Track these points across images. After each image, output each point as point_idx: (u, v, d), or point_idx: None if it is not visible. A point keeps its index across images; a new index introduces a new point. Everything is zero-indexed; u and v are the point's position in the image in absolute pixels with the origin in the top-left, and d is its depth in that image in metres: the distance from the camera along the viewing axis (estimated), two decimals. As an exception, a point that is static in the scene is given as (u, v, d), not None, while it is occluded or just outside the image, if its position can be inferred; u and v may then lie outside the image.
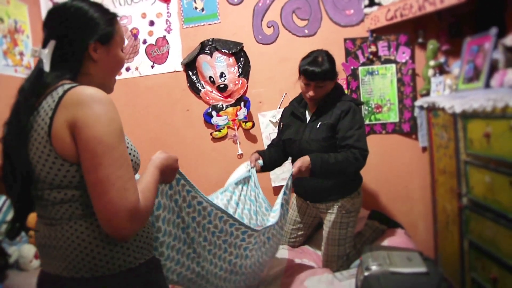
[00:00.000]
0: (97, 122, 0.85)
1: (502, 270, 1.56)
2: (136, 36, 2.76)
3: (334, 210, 2.08)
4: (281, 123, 2.24)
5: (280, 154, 2.20)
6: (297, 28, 2.64)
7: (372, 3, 2.50)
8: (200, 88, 2.75)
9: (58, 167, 0.89)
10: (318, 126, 2.00)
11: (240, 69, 2.70)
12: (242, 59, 2.69)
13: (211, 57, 2.70)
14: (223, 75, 2.70)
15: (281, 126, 2.24)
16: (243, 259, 1.60)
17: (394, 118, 2.58)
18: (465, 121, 1.79)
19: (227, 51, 2.67)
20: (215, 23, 2.70)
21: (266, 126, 2.70)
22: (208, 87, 2.75)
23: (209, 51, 2.70)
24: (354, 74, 2.60)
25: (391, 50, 2.53)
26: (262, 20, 2.66)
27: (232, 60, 2.70)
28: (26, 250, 1.93)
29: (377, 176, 2.60)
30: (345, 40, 2.58)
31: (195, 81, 2.75)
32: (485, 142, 1.62)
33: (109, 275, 0.92)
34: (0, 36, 2.23)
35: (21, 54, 2.40)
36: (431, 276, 1.56)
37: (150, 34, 2.75)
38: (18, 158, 0.91)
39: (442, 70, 2.37)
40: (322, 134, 1.97)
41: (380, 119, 2.60)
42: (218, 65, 2.70)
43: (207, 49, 2.70)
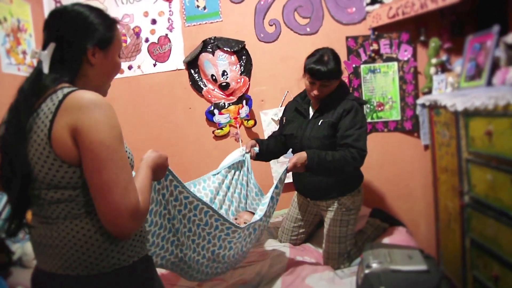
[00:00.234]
0: (99, 127, 0.88)
1: (504, 268, 1.57)
2: (138, 34, 2.76)
3: (334, 207, 2.08)
4: (283, 118, 2.25)
5: (278, 146, 2.20)
6: (299, 26, 2.64)
7: (374, 1, 2.50)
8: (202, 86, 2.75)
9: (57, 169, 0.91)
10: (320, 124, 1.99)
11: (242, 67, 2.70)
12: (244, 57, 2.70)
13: (213, 55, 2.70)
14: (225, 73, 2.70)
15: (283, 121, 2.24)
16: (227, 250, 1.65)
17: (396, 116, 2.58)
18: (467, 119, 1.79)
19: (229, 49, 2.67)
20: (217, 22, 2.70)
21: (268, 124, 2.71)
22: (210, 85, 2.75)
23: (211, 50, 2.70)
24: (356, 72, 2.60)
25: (393, 48, 2.53)
26: (264, 18, 2.67)
27: (234, 58, 2.70)
28: (29, 248, 1.94)
29: (378, 174, 2.60)
30: (347, 38, 2.58)
31: (197, 79, 2.75)
32: (486, 140, 1.62)
33: (104, 273, 0.95)
34: (3, 35, 2.24)
35: (24, 53, 2.41)
36: (432, 274, 1.56)
37: (152, 32, 2.76)
38: (17, 157, 0.92)
39: (444, 68, 2.36)
40: (324, 132, 1.97)
41: (382, 117, 2.60)
42: (220, 63, 2.70)
43: (209, 47, 2.70)
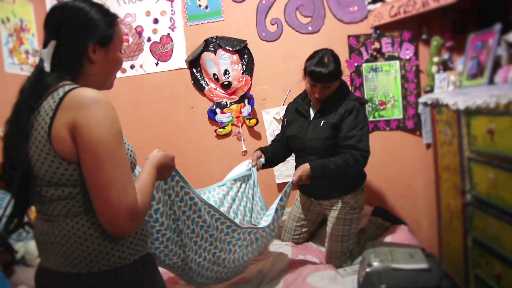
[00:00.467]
0: (98, 124, 0.87)
1: (506, 267, 1.56)
2: (140, 34, 2.77)
3: (338, 206, 2.08)
4: (285, 119, 2.25)
5: (283, 149, 2.21)
6: (300, 25, 2.64)
7: (375, 0, 2.49)
8: (204, 85, 2.76)
9: (57, 166, 0.90)
10: (321, 124, 2.00)
11: (244, 66, 2.71)
12: (246, 56, 2.70)
13: (215, 54, 2.71)
14: (227, 73, 2.71)
15: (285, 122, 2.24)
16: (227, 253, 1.69)
17: (398, 114, 2.58)
18: (468, 117, 1.78)
19: (231, 49, 2.67)
20: (219, 21, 2.70)
21: (270, 123, 2.71)
22: (212, 85, 2.76)
23: (213, 49, 2.71)
24: (357, 71, 2.59)
25: (395, 46, 2.52)
26: (265, 17, 2.67)
27: (236, 57, 2.70)
28: (32, 246, 1.95)
29: (381, 172, 2.60)
30: (348, 37, 2.58)
31: (199, 78, 2.76)
32: (488, 139, 1.62)
33: (104, 271, 0.95)
34: (6, 34, 2.25)
35: (26, 52, 2.42)
36: (433, 272, 1.56)
37: (154, 32, 2.76)
38: (17, 156, 0.93)
39: (446, 66, 2.36)
40: (325, 133, 1.97)
41: (384, 116, 2.60)
42: (222, 62, 2.71)
43: (211, 46, 2.71)
